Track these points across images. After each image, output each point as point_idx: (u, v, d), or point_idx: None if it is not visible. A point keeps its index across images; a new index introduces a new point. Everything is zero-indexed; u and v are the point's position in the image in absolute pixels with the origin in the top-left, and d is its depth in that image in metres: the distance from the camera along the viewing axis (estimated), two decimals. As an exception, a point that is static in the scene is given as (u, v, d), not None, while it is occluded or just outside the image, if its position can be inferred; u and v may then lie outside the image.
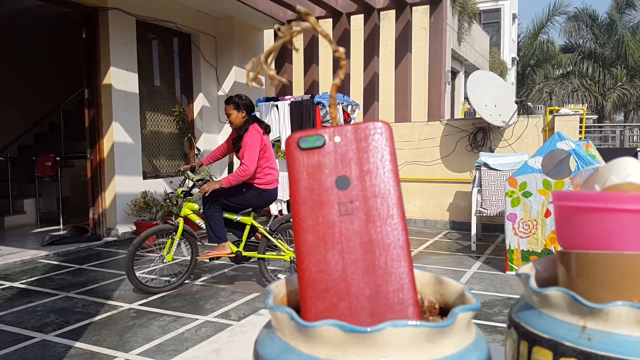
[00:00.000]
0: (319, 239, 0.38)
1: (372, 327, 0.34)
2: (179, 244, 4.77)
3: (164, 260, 3.85)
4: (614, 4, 21.90)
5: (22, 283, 4.13)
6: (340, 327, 0.34)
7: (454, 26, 13.41)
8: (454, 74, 14.94)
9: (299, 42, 7.26)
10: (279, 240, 3.79)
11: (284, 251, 3.77)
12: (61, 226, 6.35)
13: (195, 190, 3.98)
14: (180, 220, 3.81)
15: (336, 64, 5.63)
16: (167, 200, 6.18)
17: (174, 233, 3.80)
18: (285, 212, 5.35)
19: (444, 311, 0.45)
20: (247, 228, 3.78)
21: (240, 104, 3.74)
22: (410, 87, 6.92)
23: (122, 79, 5.91)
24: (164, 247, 3.87)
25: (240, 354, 0.65)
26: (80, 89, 6.09)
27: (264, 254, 3.77)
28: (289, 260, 3.80)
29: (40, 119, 7.76)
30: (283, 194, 5.07)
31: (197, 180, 3.89)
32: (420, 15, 8.79)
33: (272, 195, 3.84)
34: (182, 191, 3.89)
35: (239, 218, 3.78)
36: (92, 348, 2.77)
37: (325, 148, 0.39)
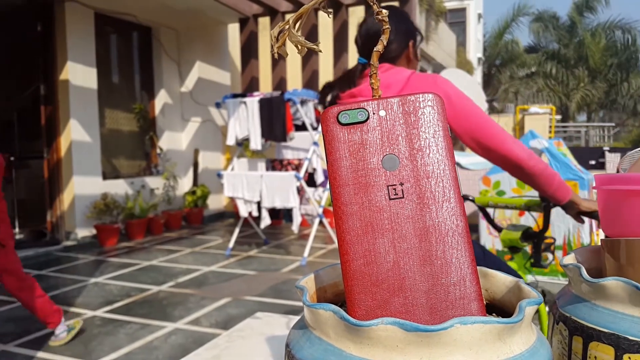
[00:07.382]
0: (366, 226, 0.33)
1: (437, 325, 0.30)
2: None
3: None
4: (573, 7, 22.62)
5: (-26, 290, 3.89)
6: (401, 326, 0.30)
7: (421, 25, 13.56)
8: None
9: (264, 39, 7.16)
10: None
11: None
12: (17, 230, 6.04)
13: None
14: None
15: (305, 62, 5.50)
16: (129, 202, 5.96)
17: None
18: (255, 213, 5.18)
19: (489, 308, 0.41)
20: None
21: None
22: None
23: (79, 75, 5.68)
24: None
25: (243, 359, 0.60)
26: (35, 84, 5.81)
27: None
28: None
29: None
30: (253, 194, 4.94)
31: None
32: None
33: None
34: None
35: None
36: (55, 358, 2.63)
37: (369, 123, 0.34)
